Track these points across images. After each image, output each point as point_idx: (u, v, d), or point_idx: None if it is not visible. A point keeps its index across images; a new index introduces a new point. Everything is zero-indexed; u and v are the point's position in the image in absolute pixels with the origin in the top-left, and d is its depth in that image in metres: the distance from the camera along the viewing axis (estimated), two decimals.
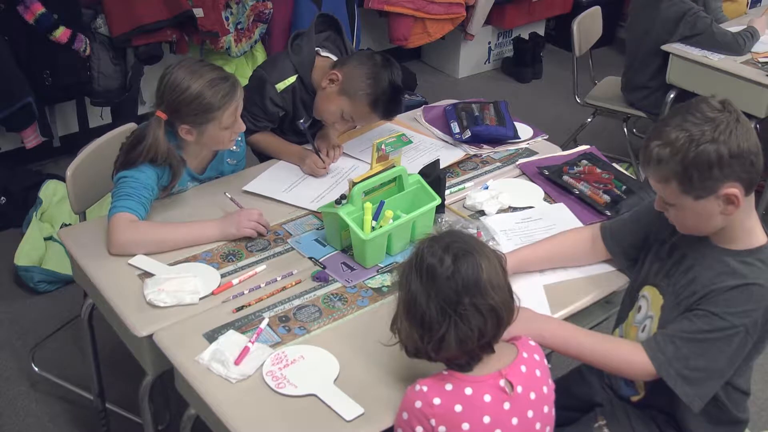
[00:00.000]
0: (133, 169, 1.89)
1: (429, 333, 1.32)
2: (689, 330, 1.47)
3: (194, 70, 1.89)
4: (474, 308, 1.30)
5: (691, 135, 1.40)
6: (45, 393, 2.52)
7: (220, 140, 1.99)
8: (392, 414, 1.42)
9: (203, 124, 1.91)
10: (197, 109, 1.88)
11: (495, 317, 1.32)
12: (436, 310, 1.30)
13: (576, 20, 3.57)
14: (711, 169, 1.40)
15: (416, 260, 1.34)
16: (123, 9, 3.22)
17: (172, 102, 1.88)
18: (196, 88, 1.87)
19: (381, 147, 1.97)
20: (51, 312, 2.83)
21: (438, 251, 1.32)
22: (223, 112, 1.90)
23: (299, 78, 2.28)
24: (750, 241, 1.50)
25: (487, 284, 1.30)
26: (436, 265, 1.31)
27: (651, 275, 1.65)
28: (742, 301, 1.44)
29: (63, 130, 3.69)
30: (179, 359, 1.56)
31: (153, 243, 1.85)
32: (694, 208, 1.46)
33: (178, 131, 1.93)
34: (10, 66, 3.02)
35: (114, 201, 1.86)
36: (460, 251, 1.32)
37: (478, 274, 1.30)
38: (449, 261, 1.30)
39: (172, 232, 1.88)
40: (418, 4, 4.30)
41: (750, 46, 3.28)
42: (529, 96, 4.76)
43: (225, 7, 3.59)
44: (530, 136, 2.45)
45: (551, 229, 1.97)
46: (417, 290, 1.32)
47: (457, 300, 1.30)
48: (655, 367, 1.49)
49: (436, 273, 1.30)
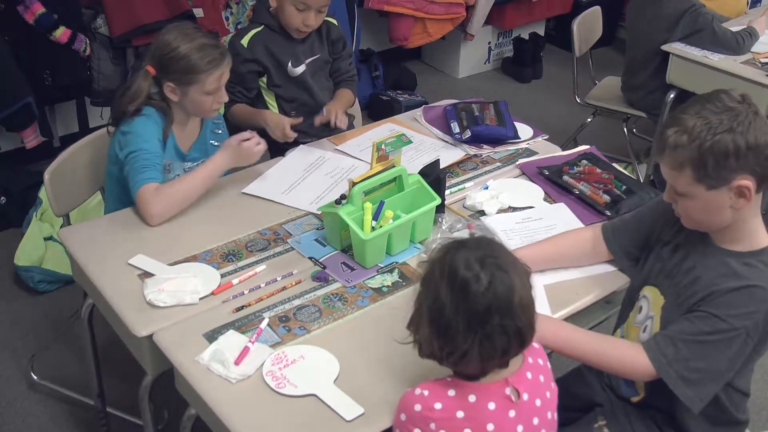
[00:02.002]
0: (133, 135, 1.97)
1: (451, 345, 1.28)
2: (690, 332, 1.47)
3: (187, 33, 2.01)
4: (501, 329, 1.26)
5: (710, 123, 1.40)
6: (45, 393, 2.52)
7: (202, 105, 2.07)
8: (392, 414, 1.42)
9: (187, 84, 2.01)
10: (183, 69, 1.98)
11: (519, 338, 1.29)
12: (463, 324, 1.26)
13: (576, 20, 3.57)
14: (727, 158, 1.39)
15: (449, 270, 1.28)
16: (123, 9, 3.22)
17: (160, 58, 2.00)
18: (185, 49, 1.97)
19: (381, 147, 1.97)
20: (51, 312, 2.83)
21: (474, 266, 1.26)
22: (207, 76, 2.00)
23: (265, 26, 2.38)
24: (752, 243, 1.50)
25: (517, 306, 1.26)
26: (470, 280, 1.25)
27: (652, 275, 1.65)
28: (744, 303, 1.44)
29: (63, 130, 3.69)
30: (179, 359, 1.55)
31: (181, 200, 1.97)
32: (705, 198, 1.44)
33: (164, 89, 2.03)
34: (10, 66, 3.02)
35: (133, 177, 1.94)
36: (496, 268, 1.27)
37: (511, 296, 1.26)
38: (485, 279, 1.25)
39: (191, 182, 1.99)
40: (418, 4, 4.30)
41: (749, 45, 3.28)
42: (529, 96, 4.76)
43: (225, 7, 3.59)
44: (530, 136, 2.45)
45: (552, 229, 1.97)
46: (446, 301, 1.27)
47: (486, 319, 1.25)
48: (656, 368, 1.48)
49: (470, 289, 1.25)
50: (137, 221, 1.98)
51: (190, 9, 3.33)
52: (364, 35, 4.49)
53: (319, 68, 2.53)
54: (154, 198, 1.92)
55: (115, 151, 2.02)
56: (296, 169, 2.25)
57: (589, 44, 3.73)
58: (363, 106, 3.83)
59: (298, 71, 2.42)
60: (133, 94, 1.99)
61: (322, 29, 2.47)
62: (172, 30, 2.02)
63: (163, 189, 1.94)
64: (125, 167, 1.97)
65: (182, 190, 1.97)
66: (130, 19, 3.23)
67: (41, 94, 3.19)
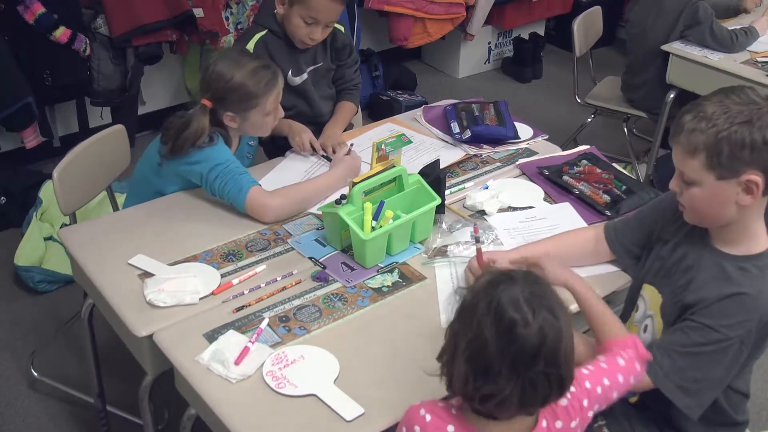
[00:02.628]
0: (213, 159, 1.98)
1: (491, 387, 1.19)
2: (684, 343, 1.47)
3: (237, 60, 2.02)
4: (545, 377, 1.19)
5: (730, 112, 1.39)
6: (45, 393, 2.52)
7: (264, 126, 2.12)
8: (392, 414, 1.42)
9: (247, 110, 2.04)
10: (241, 97, 2.00)
11: (560, 387, 1.22)
12: (506, 368, 1.18)
13: (576, 20, 3.57)
14: (742, 150, 1.38)
15: (494, 307, 1.19)
16: (123, 9, 3.22)
17: (217, 91, 2.00)
18: (240, 77, 1.98)
19: (381, 147, 1.97)
20: (51, 312, 2.83)
21: (522, 306, 1.18)
22: (266, 99, 2.03)
23: (269, 31, 2.35)
24: (751, 247, 1.50)
25: (563, 355, 1.20)
26: (519, 322, 1.17)
27: (651, 274, 1.65)
28: (735, 312, 1.43)
29: (63, 130, 3.68)
30: (179, 359, 1.55)
31: (300, 200, 2.02)
32: (712, 188, 1.43)
33: (222, 119, 2.04)
34: (10, 66, 3.02)
35: (234, 183, 1.96)
36: (546, 312, 1.19)
37: (559, 344, 1.19)
38: (535, 324, 1.17)
39: (309, 185, 2.09)
40: (418, 4, 4.30)
41: (744, 43, 3.28)
42: (529, 96, 4.76)
43: (225, 7, 3.59)
44: (530, 136, 2.45)
45: (555, 229, 1.97)
46: (490, 338, 1.18)
47: (532, 364, 1.18)
48: (653, 380, 1.48)
49: (517, 331, 1.17)
50: (137, 221, 1.98)
51: (190, 9, 3.33)
52: (364, 35, 4.50)
53: (321, 76, 2.50)
54: (270, 194, 1.98)
55: (183, 172, 2.02)
56: (296, 169, 2.25)
57: (589, 44, 3.73)
58: (363, 106, 3.83)
59: (298, 81, 2.39)
60: (195, 132, 1.96)
61: (327, 36, 2.44)
62: (221, 60, 2.01)
63: (276, 191, 2.00)
64: (215, 182, 1.96)
65: (301, 191, 2.04)
66: (130, 19, 3.23)
67: (41, 94, 3.19)
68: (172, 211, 2.02)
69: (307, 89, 2.46)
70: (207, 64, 2.04)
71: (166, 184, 2.08)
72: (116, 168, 2.38)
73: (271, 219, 1.97)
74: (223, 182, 1.96)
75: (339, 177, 2.12)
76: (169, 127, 1.99)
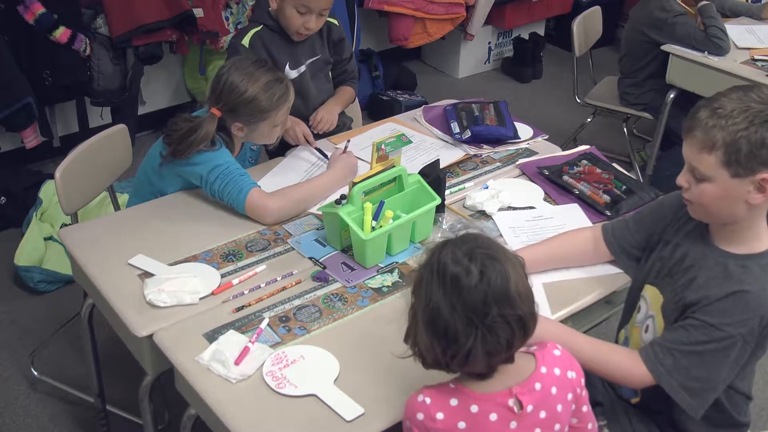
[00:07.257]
0: (213, 160, 1.98)
1: (454, 346, 1.23)
2: (687, 341, 1.47)
3: (249, 71, 2.01)
4: (502, 319, 1.21)
5: (750, 110, 1.38)
6: (45, 393, 2.52)
7: (271, 136, 2.14)
8: (392, 414, 1.42)
9: (257, 122, 2.05)
10: (253, 111, 2.02)
11: (522, 328, 1.24)
12: (462, 322, 1.21)
13: (576, 20, 3.57)
14: (761, 149, 1.37)
15: (437, 268, 1.24)
16: (123, 9, 3.22)
17: (229, 103, 2.00)
18: (253, 90, 1.99)
19: (381, 147, 1.97)
20: (51, 312, 2.83)
21: (462, 259, 1.22)
22: (277, 112, 2.05)
23: (264, 26, 2.37)
24: (753, 246, 1.49)
25: (515, 294, 1.22)
26: (461, 274, 1.21)
27: (652, 275, 1.64)
28: (737, 310, 1.43)
29: (63, 130, 3.69)
30: (179, 359, 1.55)
31: (299, 200, 2.02)
32: (725, 185, 1.42)
33: (230, 128, 2.06)
34: (10, 66, 3.02)
35: (234, 185, 1.96)
36: (486, 258, 1.22)
37: (507, 284, 1.22)
38: (476, 270, 1.21)
39: (307, 186, 2.08)
40: (418, 4, 4.30)
41: (726, 41, 3.23)
42: (529, 96, 4.76)
43: (225, 7, 3.59)
44: (530, 136, 2.45)
45: (560, 229, 1.96)
46: (439, 301, 1.22)
47: (485, 311, 1.20)
48: (656, 378, 1.48)
49: (462, 283, 1.21)
50: (137, 221, 1.98)
51: (190, 9, 3.34)
52: (364, 35, 4.50)
53: (319, 69, 2.51)
54: (270, 196, 1.98)
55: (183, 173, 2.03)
56: (297, 169, 2.25)
57: (589, 44, 3.73)
58: (363, 106, 3.83)
59: (294, 74, 2.40)
60: (201, 138, 1.96)
61: (323, 30, 2.45)
62: (234, 71, 2.01)
63: (275, 193, 2.00)
64: (215, 183, 1.97)
65: (300, 192, 2.04)
66: (130, 19, 3.23)
67: (41, 94, 3.19)
68: (172, 211, 2.02)
69: (305, 83, 2.47)
70: (219, 73, 2.03)
71: (167, 185, 2.08)
72: (118, 167, 2.38)
73: (272, 220, 1.97)
74: (223, 184, 1.96)
75: (338, 177, 2.12)
76: (173, 129, 1.99)
